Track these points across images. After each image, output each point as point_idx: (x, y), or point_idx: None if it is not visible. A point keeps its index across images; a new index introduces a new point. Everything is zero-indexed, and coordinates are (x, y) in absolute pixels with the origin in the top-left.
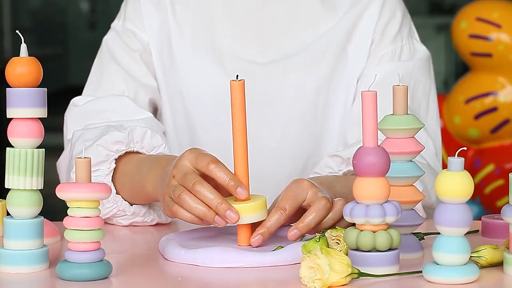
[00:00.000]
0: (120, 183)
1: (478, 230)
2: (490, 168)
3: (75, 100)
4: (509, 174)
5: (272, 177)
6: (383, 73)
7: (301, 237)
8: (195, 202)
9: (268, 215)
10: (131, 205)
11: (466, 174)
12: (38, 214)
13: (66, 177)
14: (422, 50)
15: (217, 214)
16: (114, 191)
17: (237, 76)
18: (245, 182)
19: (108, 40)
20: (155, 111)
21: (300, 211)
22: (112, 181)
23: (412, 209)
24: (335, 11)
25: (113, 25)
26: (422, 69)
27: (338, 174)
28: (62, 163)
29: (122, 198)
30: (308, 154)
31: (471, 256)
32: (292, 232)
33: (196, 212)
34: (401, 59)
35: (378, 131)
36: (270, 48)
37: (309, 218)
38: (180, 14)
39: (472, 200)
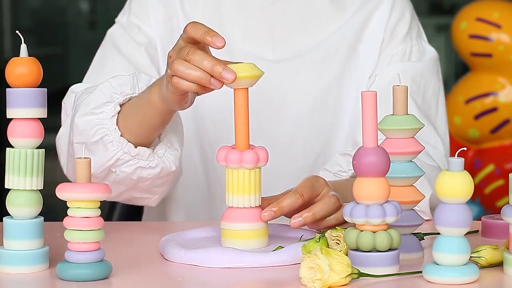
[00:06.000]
0: (124, 121)
1: (478, 230)
2: (490, 168)
3: (73, 87)
4: (509, 174)
5: (283, 173)
6: (393, 74)
7: (302, 226)
8: (188, 68)
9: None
10: (135, 147)
11: (466, 174)
12: (38, 214)
13: (66, 149)
14: (431, 51)
15: (212, 76)
16: (118, 133)
17: None
18: None
19: (112, 32)
20: None
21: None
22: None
23: (412, 209)
24: (345, 10)
25: (117, 19)
26: (431, 70)
27: (347, 173)
28: (62, 137)
29: (127, 140)
30: (318, 151)
31: (471, 257)
32: (297, 219)
33: (190, 77)
34: (411, 59)
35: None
36: (281, 46)
37: (316, 209)
38: (188, 10)
39: (472, 200)
